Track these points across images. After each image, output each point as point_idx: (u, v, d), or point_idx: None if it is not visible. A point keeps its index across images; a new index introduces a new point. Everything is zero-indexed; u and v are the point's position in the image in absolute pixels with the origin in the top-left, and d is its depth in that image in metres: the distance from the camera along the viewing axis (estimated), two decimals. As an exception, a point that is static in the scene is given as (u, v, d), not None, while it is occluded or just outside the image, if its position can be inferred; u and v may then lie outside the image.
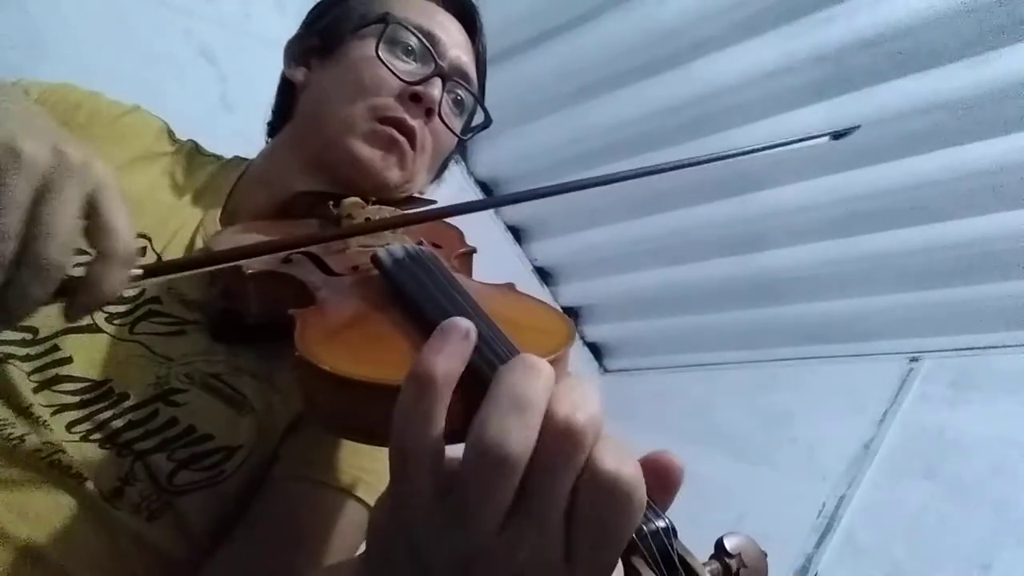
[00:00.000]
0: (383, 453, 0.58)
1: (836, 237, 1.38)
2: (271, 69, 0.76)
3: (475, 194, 1.80)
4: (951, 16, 1.04)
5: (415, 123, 0.64)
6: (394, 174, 0.65)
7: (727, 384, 1.64)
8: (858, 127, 0.67)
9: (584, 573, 0.27)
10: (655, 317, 1.76)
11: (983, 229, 1.20)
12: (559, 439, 0.26)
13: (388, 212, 0.63)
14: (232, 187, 0.68)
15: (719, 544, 0.28)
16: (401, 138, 0.64)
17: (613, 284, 1.78)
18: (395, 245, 0.47)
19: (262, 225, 0.61)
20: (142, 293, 0.57)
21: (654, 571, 0.26)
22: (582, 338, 1.96)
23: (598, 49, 1.40)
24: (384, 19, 0.65)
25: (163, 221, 0.61)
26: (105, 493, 0.49)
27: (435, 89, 0.65)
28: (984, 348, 1.29)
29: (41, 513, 0.46)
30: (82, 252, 0.33)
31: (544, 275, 1.93)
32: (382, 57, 0.64)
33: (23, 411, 0.48)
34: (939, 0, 1.04)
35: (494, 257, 0.67)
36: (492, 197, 0.47)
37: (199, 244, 0.61)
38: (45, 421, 0.48)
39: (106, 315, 0.55)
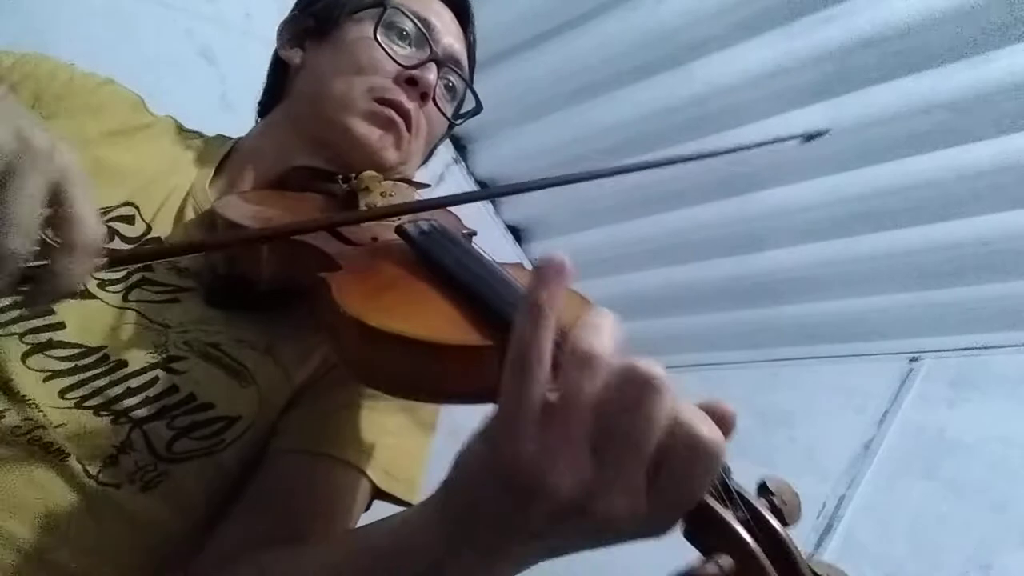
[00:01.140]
0: (386, 426, 0.57)
1: (836, 237, 1.38)
2: (269, 60, 0.77)
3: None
4: (951, 16, 1.04)
5: (411, 106, 0.65)
6: (391, 154, 0.66)
7: (727, 384, 1.64)
8: (828, 131, 0.68)
9: (662, 511, 0.30)
10: (655, 317, 1.76)
11: (983, 229, 1.20)
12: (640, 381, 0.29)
13: (404, 187, 0.65)
14: (221, 159, 0.68)
15: (763, 485, 0.32)
16: (399, 119, 0.65)
17: (613, 284, 1.78)
18: (420, 220, 0.49)
19: (266, 195, 0.63)
20: None
21: (719, 502, 0.30)
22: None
23: (598, 49, 1.40)
24: (382, 3, 0.66)
25: (149, 190, 0.61)
26: (92, 465, 0.47)
27: (431, 74, 0.66)
28: (984, 348, 1.29)
29: (20, 498, 0.45)
30: (45, 242, 0.32)
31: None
32: (380, 40, 0.65)
33: (3, 385, 0.47)
34: (939, 0, 1.04)
35: (494, 256, 0.67)
36: (506, 185, 0.49)
37: (189, 212, 0.61)
38: (26, 396, 0.47)
39: (98, 281, 0.54)
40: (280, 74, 0.75)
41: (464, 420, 0.38)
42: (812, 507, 1.26)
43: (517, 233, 1.88)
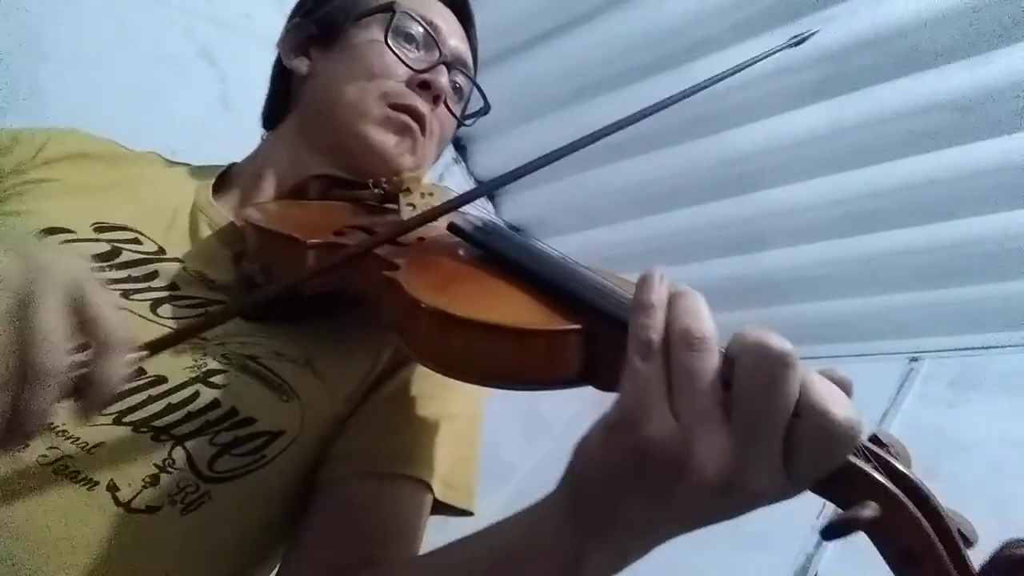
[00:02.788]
0: (439, 436, 0.57)
1: (836, 237, 1.38)
2: (271, 69, 0.76)
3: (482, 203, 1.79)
4: (951, 16, 1.05)
5: (425, 110, 0.66)
6: (407, 159, 0.66)
7: (727, 384, 1.64)
8: (816, 31, 0.70)
9: (803, 477, 0.30)
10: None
11: (983, 229, 1.20)
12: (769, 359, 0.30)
13: (440, 186, 0.65)
14: (219, 175, 0.68)
15: (875, 437, 0.33)
16: (414, 124, 0.65)
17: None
18: (467, 213, 0.50)
19: (290, 204, 0.63)
20: (154, 275, 0.55)
21: (855, 455, 0.31)
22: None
23: (598, 49, 1.40)
24: (391, 8, 0.66)
25: (149, 215, 0.60)
26: (129, 488, 0.45)
27: (443, 77, 0.66)
28: (984, 348, 1.29)
29: (48, 533, 0.43)
30: (79, 348, 0.32)
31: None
32: (391, 45, 0.65)
33: None
34: (939, 0, 1.04)
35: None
36: (524, 165, 0.50)
37: (204, 228, 0.61)
38: (52, 424, 0.45)
39: (120, 291, 0.52)
40: (284, 83, 0.74)
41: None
42: (812, 507, 1.25)
43: (517, 232, 1.88)
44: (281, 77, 0.75)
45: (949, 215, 1.23)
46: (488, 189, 0.53)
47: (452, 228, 0.48)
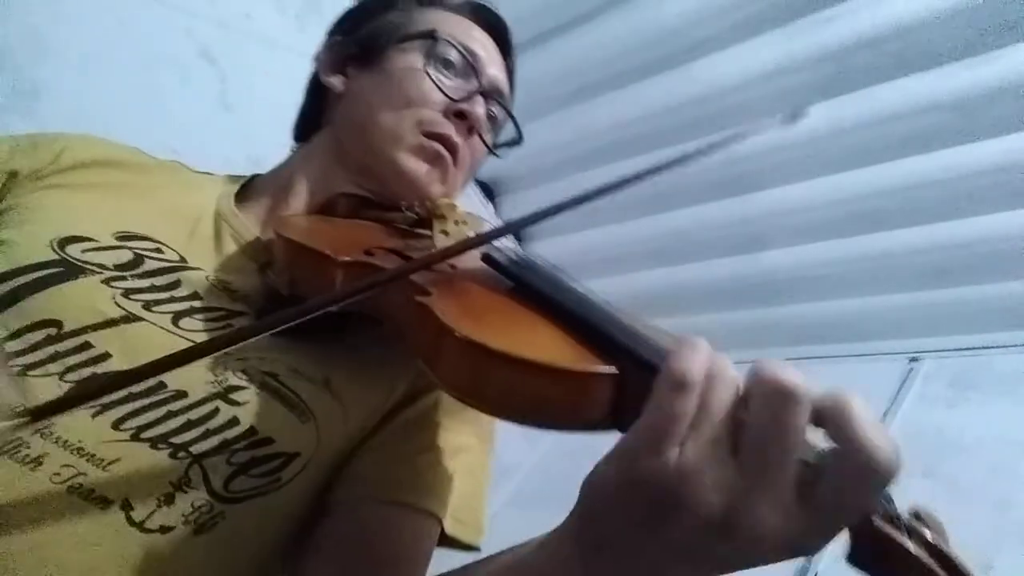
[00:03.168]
0: (452, 469, 0.57)
1: (836, 237, 1.38)
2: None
3: (476, 194, 1.80)
4: (951, 16, 1.05)
5: (459, 140, 0.66)
6: (436, 188, 0.66)
7: (727, 384, 1.64)
8: (807, 111, 0.70)
9: (820, 528, 0.29)
10: (655, 317, 1.76)
11: (983, 229, 1.20)
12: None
13: (474, 215, 0.66)
14: (242, 185, 0.68)
15: (916, 513, 0.33)
16: (446, 154, 0.65)
17: (613, 284, 1.78)
18: (500, 245, 0.50)
19: (319, 220, 0.63)
20: (177, 284, 0.55)
21: (893, 527, 0.31)
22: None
23: (598, 49, 1.40)
24: (432, 35, 0.66)
25: (171, 223, 0.60)
26: (141, 509, 0.44)
27: (479, 107, 0.66)
28: (984, 348, 1.29)
29: (59, 553, 0.42)
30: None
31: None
32: (430, 72, 0.65)
33: (41, 428, 0.44)
34: (939, 0, 1.04)
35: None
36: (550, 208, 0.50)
37: (227, 239, 0.61)
38: (67, 441, 0.44)
39: (142, 302, 0.52)
40: (318, 98, 0.74)
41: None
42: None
43: (517, 233, 1.88)
44: (316, 92, 0.74)
45: (949, 215, 1.23)
46: (527, 223, 0.53)
47: (487, 259, 0.48)
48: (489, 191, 1.83)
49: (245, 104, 1.27)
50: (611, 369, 0.35)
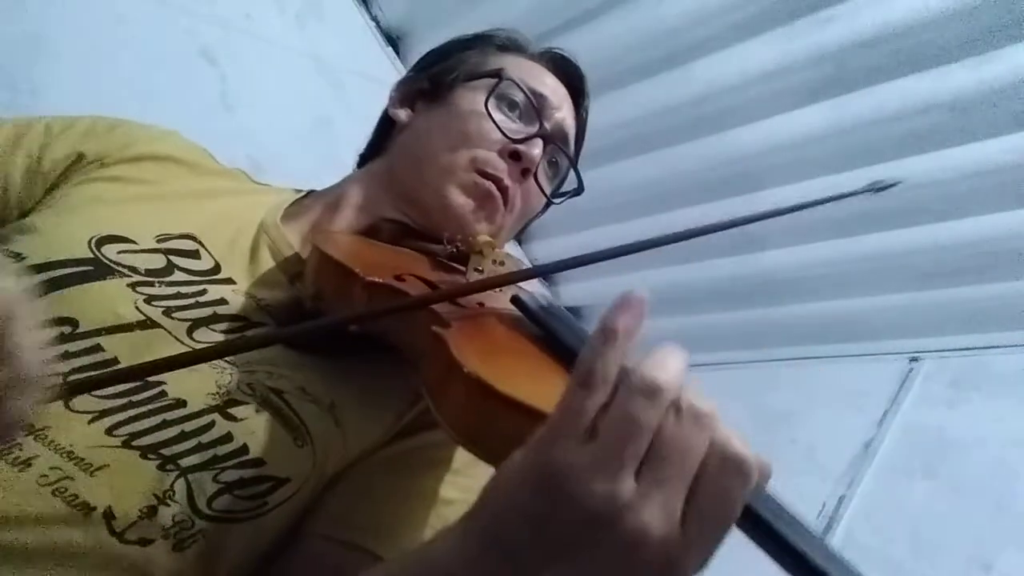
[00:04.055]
0: (425, 521, 0.54)
1: (836, 237, 1.38)
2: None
3: None
4: (951, 16, 1.04)
5: (510, 181, 0.65)
6: (482, 227, 0.66)
7: (727, 384, 1.64)
8: (899, 182, 0.69)
9: (697, 545, 0.30)
10: (655, 317, 1.75)
11: (983, 229, 1.20)
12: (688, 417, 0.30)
13: (512, 256, 0.66)
14: (293, 202, 0.68)
15: None
16: (496, 193, 0.65)
17: (613, 284, 1.78)
18: (532, 291, 0.49)
19: (360, 240, 0.62)
20: (203, 293, 0.54)
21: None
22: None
23: (598, 49, 1.40)
24: (498, 74, 0.67)
25: (216, 226, 0.60)
26: (126, 517, 0.44)
27: (536, 149, 0.66)
28: (984, 348, 1.29)
29: (38, 559, 0.41)
30: None
31: (545, 275, 1.93)
32: (490, 110, 0.65)
33: (36, 430, 0.44)
34: (939, 0, 1.04)
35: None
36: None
37: (264, 252, 0.61)
38: (59, 444, 0.44)
39: (163, 308, 0.51)
40: (385, 130, 0.75)
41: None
42: (812, 507, 1.26)
43: (517, 233, 1.88)
44: (384, 124, 0.76)
45: (949, 215, 1.22)
46: (557, 268, 0.53)
47: (515, 301, 0.47)
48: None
49: (245, 104, 1.27)
50: None
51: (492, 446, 0.36)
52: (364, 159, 0.78)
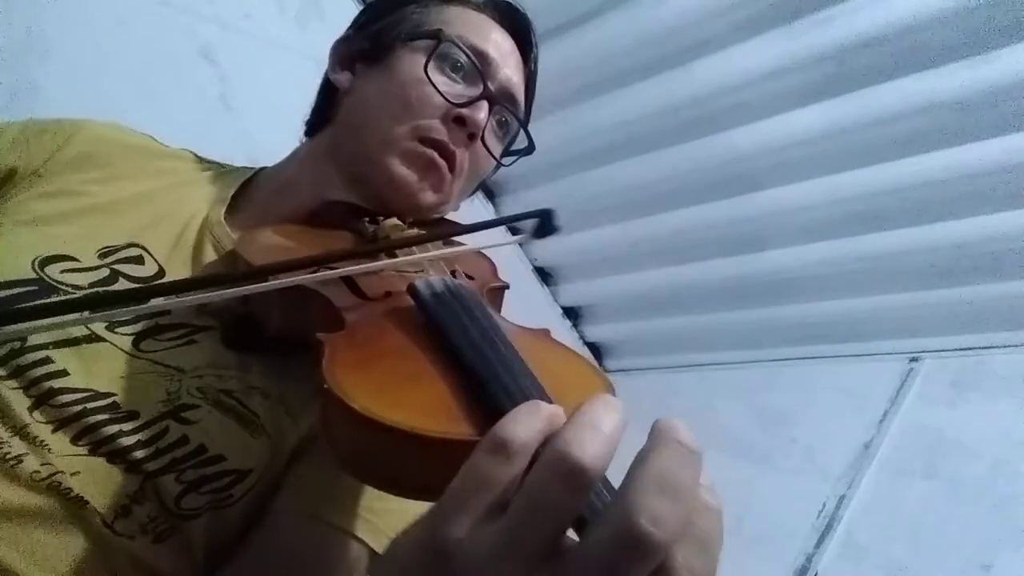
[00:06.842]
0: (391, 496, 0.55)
1: (836, 237, 1.38)
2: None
3: (478, 197, 1.79)
4: (951, 16, 1.04)
5: (456, 148, 0.63)
6: (428, 196, 0.64)
7: (727, 384, 1.64)
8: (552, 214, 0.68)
9: None
10: (655, 317, 1.76)
11: (983, 229, 1.20)
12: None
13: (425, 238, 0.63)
14: (238, 187, 0.66)
15: None
16: (441, 161, 0.62)
17: (613, 284, 1.78)
18: (434, 277, 0.45)
19: (296, 231, 0.60)
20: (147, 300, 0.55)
21: None
22: (582, 338, 1.96)
23: (598, 49, 1.40)
24: (437, 35, 0.63)
25: (158, 228, 0.59)
26: (108, 514, 0.46)
27: (481, 112, 0.63)
28: (984, 348, 1.29)
29: (43, 550, 0.43)
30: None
31: (544, 275, 1.93)
32: (431, 76, 0.62)
33: (20, 430, 0.46)
34: (939, 0, 1.04)
35: (495, 258, 0.67)
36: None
37: (208, 249, 0.59)
38: (43, 441, 0.45)
39: (106, 323, 0.52)
40: (328, 95, 0.72)
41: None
42: (812, 507, 1.26)
43: (517, 233, 1.88)
44: (326, 88, 0.72)
45: (949, 215, 1.23)
46: (453, 233, 0.52)
47: (410, 289, 0.44)
48: (489, 192, 1.83)
49: (245, 104, 1.26)
50: (475, 436, 0.30)
51: (369, 470, 0.33)
52: (310, 127, 0.75)
